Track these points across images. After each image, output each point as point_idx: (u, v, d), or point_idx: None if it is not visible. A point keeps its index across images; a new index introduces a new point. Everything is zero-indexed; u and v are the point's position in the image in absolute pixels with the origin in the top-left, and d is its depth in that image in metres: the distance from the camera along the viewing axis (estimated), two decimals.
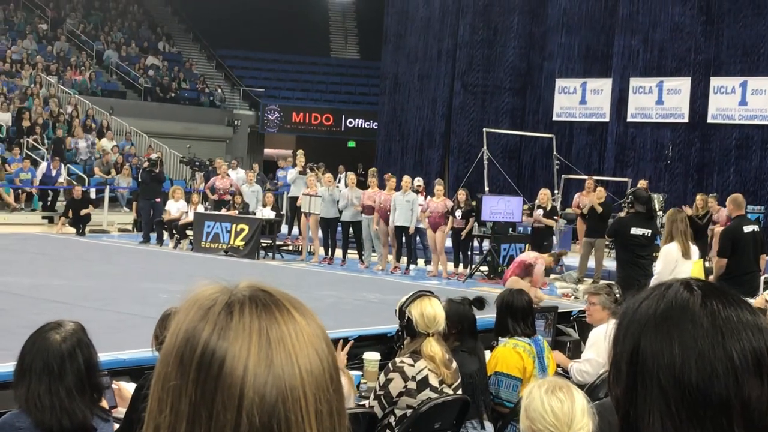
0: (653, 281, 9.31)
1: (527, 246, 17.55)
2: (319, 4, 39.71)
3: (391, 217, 17.25)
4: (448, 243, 17.35)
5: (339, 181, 23.00)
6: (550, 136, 24.36)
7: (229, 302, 1.11)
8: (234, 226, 18.92)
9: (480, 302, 5.74)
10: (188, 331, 1.09)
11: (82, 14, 36.63)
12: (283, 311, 1.12)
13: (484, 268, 17.25)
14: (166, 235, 20.13)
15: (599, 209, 16.59)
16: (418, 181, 19.11)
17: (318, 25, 40.05)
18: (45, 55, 32.33)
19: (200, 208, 20.41)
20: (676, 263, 9.24)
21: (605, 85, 26.28)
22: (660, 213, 17.92)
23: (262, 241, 18.85)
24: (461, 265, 17.33)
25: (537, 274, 11.63)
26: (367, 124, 36.02)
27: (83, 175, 25.50)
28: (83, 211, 21.73)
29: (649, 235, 10.70)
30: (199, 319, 1.10)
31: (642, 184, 18.54)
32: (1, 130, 26.64)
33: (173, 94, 34.12)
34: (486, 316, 7.24)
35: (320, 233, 18.64)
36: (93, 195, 24.93)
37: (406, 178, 17.60)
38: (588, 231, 16.75)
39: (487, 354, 6.05)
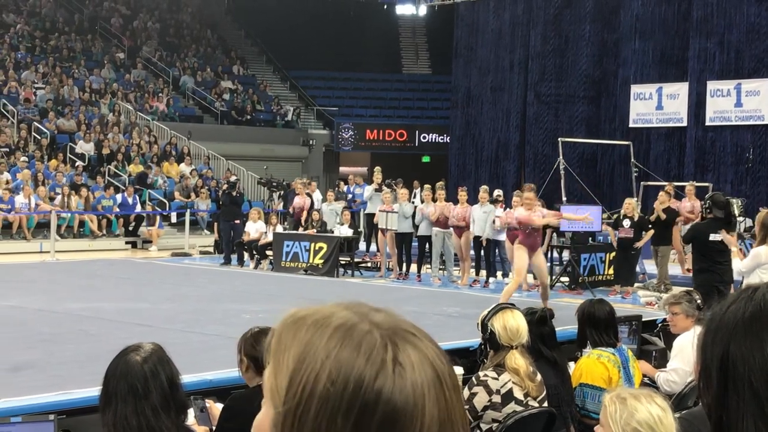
0: (735, 272, 9.11)
1: (608, 255, 17.35)
2: (389, 21, 39.89)
3: (471, 229, 17.23)
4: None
5: (414, 197, 23.01)
6: (627, 143, 24.06)
7: (388, 347, 1.08)
8: (312, 244, 19.06)
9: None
10: (358, 382, 1.05)
11: (158, 42, 37.37)
12: (429, 349, 1.11)
13: (565, 279, 17.08)
14: (246, 255, 20.36)
15: (663, 216, 16.28)
16: (498, 192, 18.91)
17: (388, 42, 40.24)
18: (123, 84, 33.06)
19: (279, 228, 20.60)
20: (762, 267, 9.02)
21: (682, 89, 25.88)
22: (741, 219, 17.52)
23: (340, 258, 18.96)
24: None
25: (522, 218, 12.54)
26: (441, 139, 35.99)
27: (164, 200, 25.98)
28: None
29: None
30: (365, 369, 1.06)
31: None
32: (84, 159, 27.28)
33: (249, 117, 34.57)
34: (567, 328, 7.18)
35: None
36: (174, 219, 25.40)
37: (483, 191, 17.56)
38: (652, 239, 16.31)
39: (571, 366, 5.99)
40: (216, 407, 4.89)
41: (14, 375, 8.59)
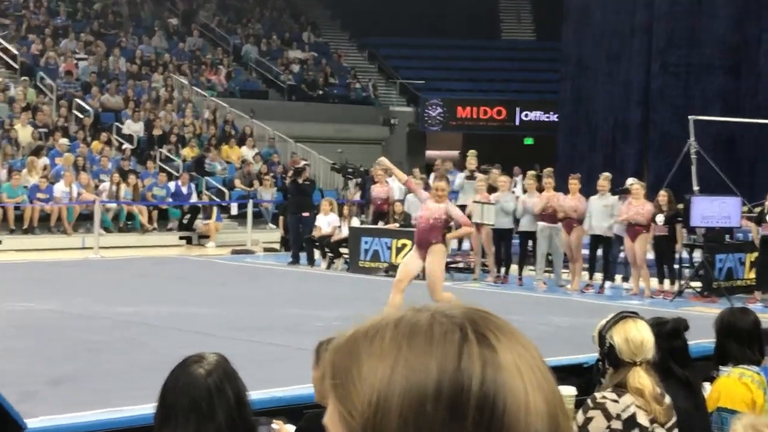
0: None
1: (748, 256, 17.08)
2: None
3: (586, 224, 17.20)
4: (650, 255, 17.08)
5: (515, 186, 22.91)
6: None
7: (466, 329, 1.11)
8: (395, 241, 19.11)
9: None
10: (442, 368, 1.08)
11: (217, 5, 37.83)
12: (515, 333, 1.15)
13: (697, 284, 16.87)
14: (317, 254, 20.51)
15: None
16: (631, 181, 18.53)
17: (485, 3, 40.10)
18: (176, 54, 33.56)
19: (354, 221, 20.69)
20: None
21: None
22: None
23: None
24: (667, 281, 17.02)
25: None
26: (547, 117, 35.79)
27: (223, 189, 26.30)
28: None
29: None
30: (445, 354, 1.09)
31: None
32: (132, 141, 27.75)
33: (321, 92, 34.81)
34: (700, 342, 7.09)
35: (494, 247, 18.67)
36: (234, 210, 25.71)
37: (603, 179, 17.46)
38: None
39: (705, 387, 5.92)
40: (286, 429, 4.95)
41: (54, 389, 8.81)
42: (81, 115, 28.11)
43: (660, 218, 16.58)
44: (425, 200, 12.78)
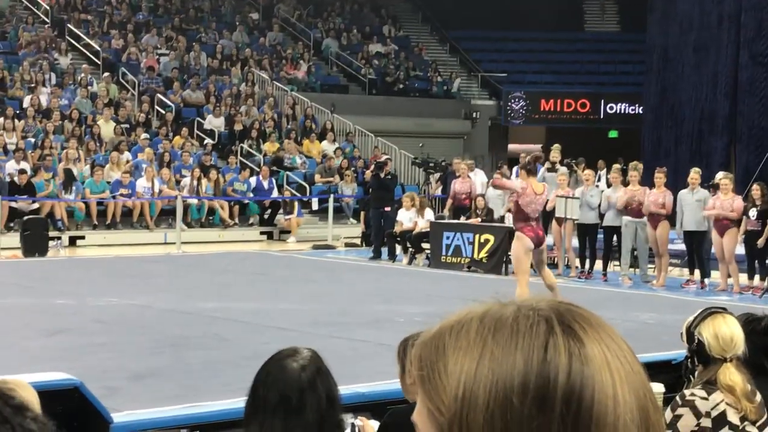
0: None
1: None
2: None
3: (678, 220, 17.06)
4: (740, 250, 16.86)
5: (599, 180, 22.74)
6: None
7: (552, 321, 1.12)
8: (477, 236, 19.08)
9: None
10: (528, 360, 1.09)
11: None
12: (602, 325, 1.14)
13: None
14: (399, 248, 20.54)
15: None
16: (722, 176, 18.18)
17: None
18: (257, 49, 33.81)
19: (429, 213, 20.63)
20: None
21: None
22: None
23: (510, 253, 18.92)
24: (757, 277, 16.80)
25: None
26: (632, 109, 35.42)
27: (304, 183, 26.46)
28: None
29: None
30: (531, 346, 1.09)
31: None
32: (213, 136, 28.03)
33: (401, 86, 34.82)
34: None
35: (576, 241, 18.60)
36: (315, 205, 25.85)
37: (694, 172, 17.25)
38: None
39: None
40: (370, 425, 4.96)
41: (139, 383, 8.94)
42: (163, 111, 28.47)
43: (753, 212, 16.36)
44: None
